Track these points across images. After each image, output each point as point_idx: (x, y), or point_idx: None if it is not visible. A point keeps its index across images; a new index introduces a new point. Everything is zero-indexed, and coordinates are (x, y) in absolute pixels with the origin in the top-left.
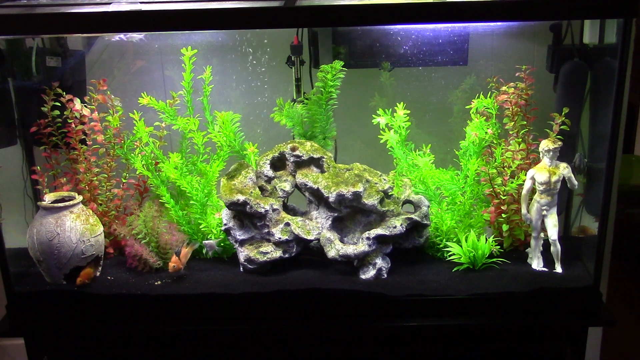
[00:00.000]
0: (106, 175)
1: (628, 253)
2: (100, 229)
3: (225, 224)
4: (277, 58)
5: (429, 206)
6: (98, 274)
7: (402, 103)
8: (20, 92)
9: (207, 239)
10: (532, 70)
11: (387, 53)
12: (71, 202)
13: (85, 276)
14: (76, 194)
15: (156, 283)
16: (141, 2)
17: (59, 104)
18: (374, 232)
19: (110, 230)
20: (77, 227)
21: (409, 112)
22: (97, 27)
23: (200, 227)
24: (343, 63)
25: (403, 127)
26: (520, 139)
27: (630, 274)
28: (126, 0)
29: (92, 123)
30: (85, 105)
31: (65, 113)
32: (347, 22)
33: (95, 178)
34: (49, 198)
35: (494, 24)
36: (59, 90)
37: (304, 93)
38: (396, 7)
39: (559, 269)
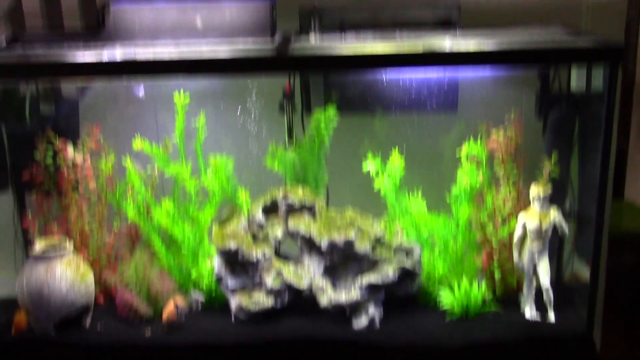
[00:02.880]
0: (98, 223)
1: (621, 299)
2: (90, 277)
3: (216, 272)
4: (269, 104)
5: (420, 253)
6: (88, 323)
7: (396, 150)
8: (13, 137)
9: (193, 292)
10: (521, 116)
11: (378, 99)
12: (62, 250)
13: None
14: (67, 241)
15: (147, 332)
16: (135, 50)
17: (52, 151)
18: (367, 279)
19: (101, 278)
20: (67, 275)
21: (402, 158)
22: (91, 73)
23: (192, 274)
24: (336, 109)
25: (396, 175)
26: (510, 185)
27: (624, 320)
28: (120, 48)
29: (84, 169)
30: (77, 152)
31: (57, 159)
32: (339, 69)
33: (86, 225)
34: (39, 246)
35: (483, 70)
36: (52, 137)
37: (296, 139)
38: (387, 54)
39: (552, 316)
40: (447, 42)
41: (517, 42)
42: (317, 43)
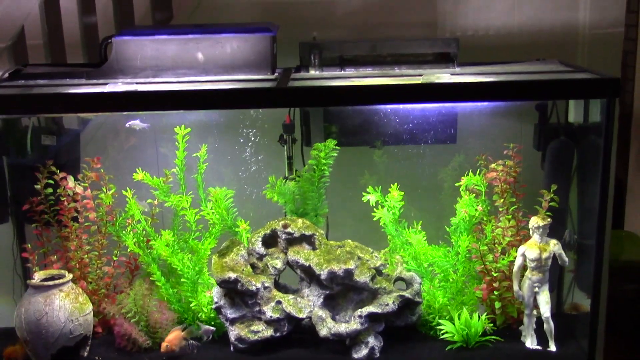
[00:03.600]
0: (97, 253)
1: (622, 329)
2: (89, 307)
3: (216, 302)
4: (269, 136)
5: (420, 283)
6: (86, 354)
7: (395, 184)
8: (14, 169)
9: (200, 324)
10: (520, 148)
11: (377, 131)
12: (61, 281)
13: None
14: (66, 272)
15: None
16: (136, 83)
17: (52, 182)
18: (366, 310)
19: (100, 309)
20: (66, 306)
21: (402, 193)
22: (93, 107)
23: (191, 305)
24: (336, 142)
25: (396, 207)
26: (510, 216)
27: (626, 350)
28: (122, 80)
29: (84, 200)
30: (78, 183)
31: (58, 191)
32: (338, 102)
33: (86, 256)
34: (38, 276)
35: (482, 103)
36: (53, 168)
37: (296, 170)
38: (386, 88)
39: (552, 347)
40: (446, 77)
41: (515, 77)
42: (317, 77)
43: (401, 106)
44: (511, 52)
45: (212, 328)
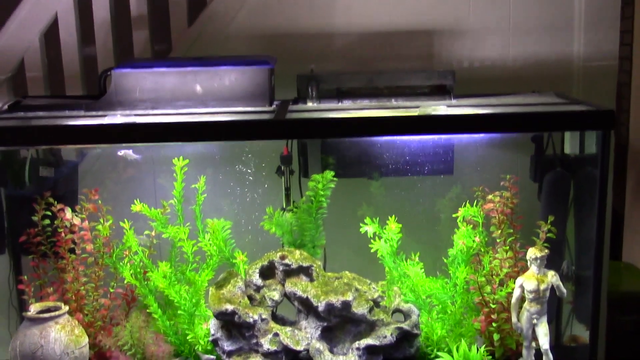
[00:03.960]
0: (94, 285)
1: None
2: (85, 340)
3: (213, 334)
4: (267, 168)
5: (419, 315)
6: None
7: (393, 216)
8: (12, 200)
9: (200, 353)
10: (516, 179)
11: (375, 163)
12: (57, 313)
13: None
14: (62, 304)
15: None
16: (135, 115)
17: (50, 213)
18: (364, 342)
19: (96, 341)
20: (61, 338)
21: (400, 225)
22: (92, 139)
23: (188, 337)
24: (334, 173)
25: (394, 239)
26: (507, 247)
27: None
28: (121, 112)
29: (81, 232)
30: (76, 215)
31: (55, 222)
32: (335, 134)
33: (82, 287)
34: (34, 308)
35: (479, 135)
36: (51, 200)
37: (294, 202)
38: (383, 120)
39: None
40: (442, 109)
41: (511, 109)
42: (314, 109)
43: (398, 138)
44: (507, 85)
45: (212, 357)
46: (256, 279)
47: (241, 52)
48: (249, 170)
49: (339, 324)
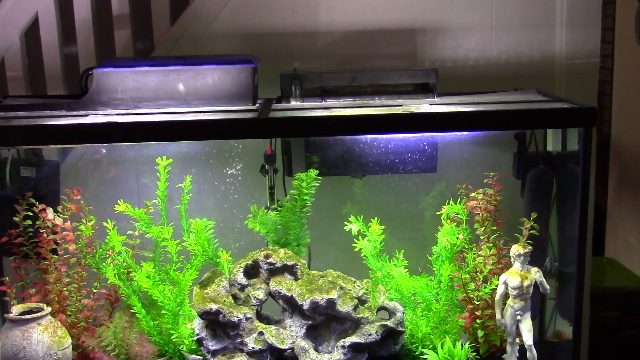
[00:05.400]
0: (76, 285)
1: (605, 356)
2: (68, 341)
3: (197, 334)
4: (251, 166)
5: (403, 312)
6: None
7: (376, 219)
8: None
9: (185, 353)
10: (500, 176)
11: (358, 161)
12: (39, 314)
13: None
14: (45, 305)
15: None
16: (117, 114)
17: (32, 214)
18: (349, 340)
19: (79, 342)
20: (44, 339)
21: (383, 227)
22: (74, 138)
23: (172, 337)
24: (318, 171)
25: (377, 240)
26: (491, 244)
27: None
28: (103, 112)
29: (64, 232)
30: (58, 215)
31: (37, 223)
32: (319, 132)
33: (65, 288)
34: (16, 310)
35: (462, 133)
36: (32, 200)
37: (278, 201)
38: (367, 118)
39: None
40: (426, 107)
41: (494, 107)
42: (298, 107)
43: (382, 136)
44: (490, 83)
45: (198, 357)
46: (240, 278)
47: (224, 51)
48: (233, 170)
49: (324, 322)
